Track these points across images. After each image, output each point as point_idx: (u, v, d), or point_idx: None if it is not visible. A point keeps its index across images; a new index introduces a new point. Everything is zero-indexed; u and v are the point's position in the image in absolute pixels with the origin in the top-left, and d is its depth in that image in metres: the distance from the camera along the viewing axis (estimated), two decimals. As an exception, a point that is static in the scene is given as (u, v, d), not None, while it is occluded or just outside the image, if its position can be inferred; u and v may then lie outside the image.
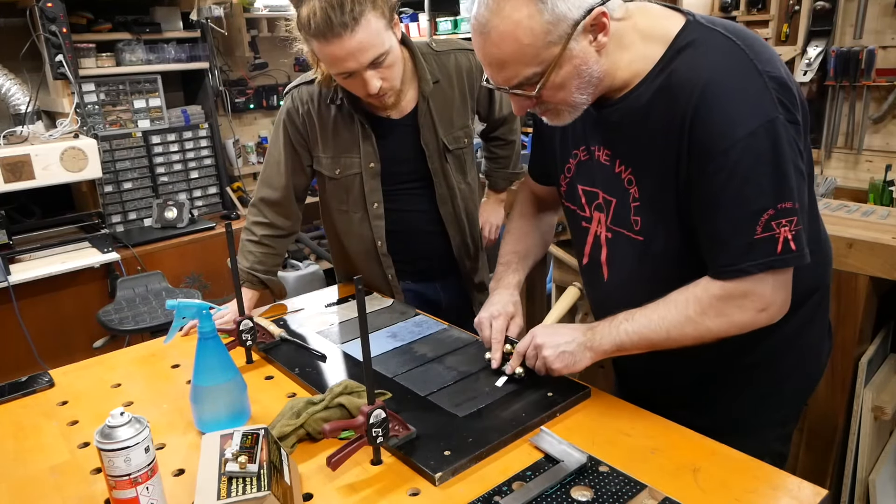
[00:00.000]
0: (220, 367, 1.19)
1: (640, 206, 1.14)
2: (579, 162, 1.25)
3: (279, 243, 1.77)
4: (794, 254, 1.01)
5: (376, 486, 1.03)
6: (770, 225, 1.00)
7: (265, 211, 1.74)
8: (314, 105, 1.65)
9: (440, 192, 1.72)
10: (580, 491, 0.97)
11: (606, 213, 1.21)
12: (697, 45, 1.03)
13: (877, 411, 1.82)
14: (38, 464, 1.13)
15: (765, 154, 0.98)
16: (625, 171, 1.15)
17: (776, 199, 0.99)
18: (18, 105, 3.23)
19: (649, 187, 1.12)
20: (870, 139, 3.81)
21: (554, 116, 1.12)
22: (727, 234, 1.03)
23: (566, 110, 1.10)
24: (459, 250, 1.80)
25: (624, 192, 1.15)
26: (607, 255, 1.24)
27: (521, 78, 1.04)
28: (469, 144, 1.75)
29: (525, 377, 1.25)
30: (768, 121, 0.97)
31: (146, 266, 3.30)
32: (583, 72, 1.03)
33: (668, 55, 1.05)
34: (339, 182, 1.71)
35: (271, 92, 4.37)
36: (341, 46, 1.38)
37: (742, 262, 1.02)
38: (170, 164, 3.76)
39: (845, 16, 3.77)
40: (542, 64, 1.01)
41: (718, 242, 1.05)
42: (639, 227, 1.15)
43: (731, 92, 0.99)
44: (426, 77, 1.63)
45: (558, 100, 1.08)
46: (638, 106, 1.08)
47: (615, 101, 1.11)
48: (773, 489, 0.96)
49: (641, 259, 1.17)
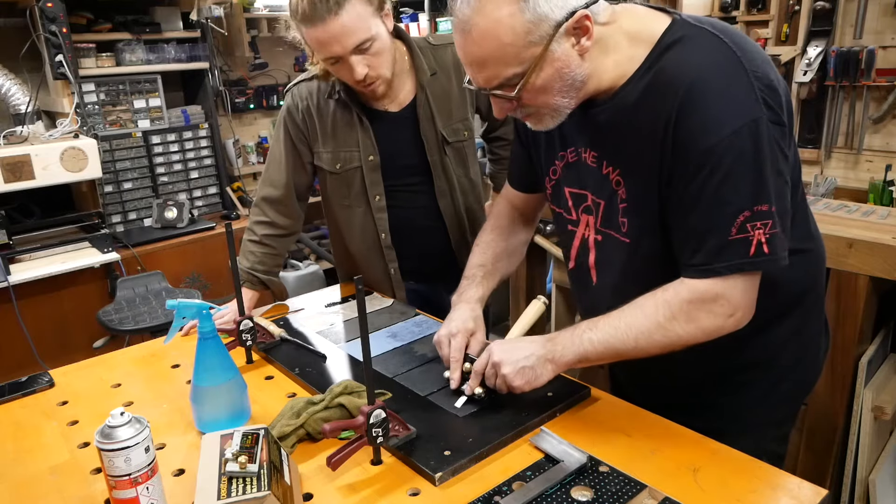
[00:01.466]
0: (220, 367, 1.19)
1: (627, 208, 1.12)
2: (567, 164, 1.23)
3: (280, 243, 1.77)
4: (766, 257, 1.00)
5: (376, 486, 1.03)
6: (745, 227, 0.98)
7: (266, 210, 1.74)
8: (313, 101, 1.68)
9: (439, 185, 1.73)
10: (580, 491, 0.97)
11: (595, 215, 1.19)
12: (685, 42, 1.02)
13: (877, 411, 1.82)
14: (38, 464, 1.13)
15: (746, 154, 0.97)
16: (612, 173, 1.13)
17: (753, 201, 0.98)
18: (18, 105, 3.23)
19: (635, 188, 1.10)
20: (870, 139, 3.81)
21: (536, 121, 1.11)
22: (702, 234, 1.02)
23: (548, 114, 1.09)
24: (458, 246, 1.80)
25: (612, 193, 1.14)
26: (596, 258, 1.22)
27: (501, 79, 1.02)
28: (469, 138, 1.75)
29: (485, 397, 1.19)
30: (752, 120, 0.96)
31: (146, 266, 3.30)
32: (565, 74, 1.02)
33: (654, 54, 1.04)
34: (341, 177, 1.72)
35: (271, 92, 4.37)
36: (325, 30, 1.43)
37: (714, 263, 1.01)
38: (170, 164, 3.76)
39: (845, 16, 3.77)
40: (522, 64, 1.00)
41: (692, 242, 1.04)
42: (626, 228, 1.14)
43: (717, 90, 0.98)
44: (423, 68, 1.65)
45: (540, 103, 1.06)
46: (625, 106, 1.07)
47: (602, 101, 1.10)
48: (773, 489, 0.96)
49: (629, 261, 1.15)
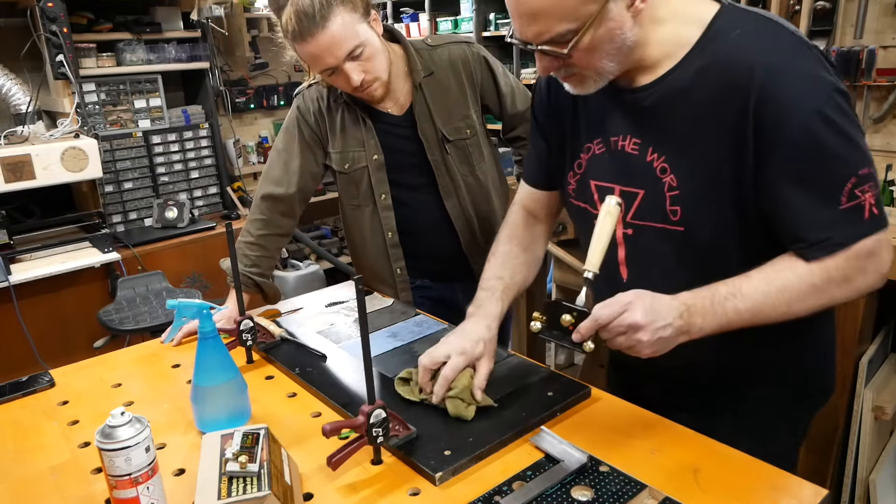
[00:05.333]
0: (220, 367, 1.19)
1: (679, 196, 1.07)
2: (593, 156, 1.18)
3: (275, 243, 1.76)
4: (878, 217, 0.99)
5: (376, 485, 1.03)
6: (854, 193, 0.97)
7: (266, 208, 1.74)
8: (323, 103, 1.72)
9: (443, 185, 1.73)
10: (580, 491, 0.97)
11: (626, 207, 1.14)
12: (744, 26, 1.01)
13: (877, 411, 1.83)
14: (39, 464, 1.14)
15: (837, 122, 0.96)
16: (658, 160, 1.09)
17: (857, 166, 0.97)
18: (19, 105, 3.23)
19: (690, 175, 1.06)
20: (870, 139, 3.81)
21: (578, 82, 1.07)
22: (813, 210, 0.99)
23: (592, 77, 1.05)
24: (469, 246, 1.80)
25: (656, 181, 1.09)
26: (626, 253, 1.18)
27: (552, 34, 0.98)
28: (473, 136, 1.75)
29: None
30: (834, 90, 0.96)
31: (146, 266, 3.30)
32: (616, 36, 0.99)
33: (708, 36, 1.02)
34: (349, 177, 1.75)
35: (272, 92, 4.38)
36: (316, 44, 1.47)
37: (835, 235, 0.99)
38: (170, 164, 3.76)
39: (846, 16, 3.76)
40: (577, 21, 0.96)
41: (802, 221, 1.00)
42: (678, 217, 1.08)
43: (794, 68, 0.97)
44: (417, 69, 1.67)
45: (587, 63, 1.02)
46: (676, 89, 1.04)
47: (648, 84, 1.07)
48: (773, 489, 0.96)
49: (678, 252, 1.11)
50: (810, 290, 1.01)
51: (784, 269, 1.02)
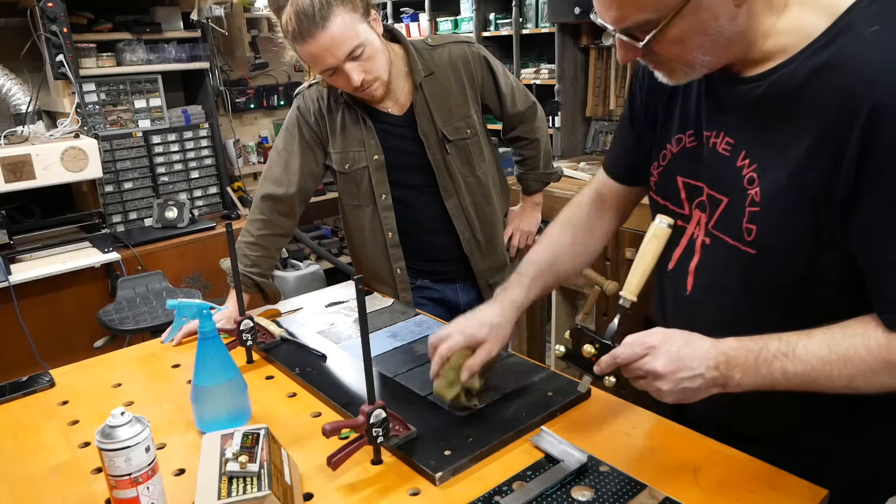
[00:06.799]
0: (220, 367, 1.19)
1: (760, 212, 0.92)
2: (683, 149, 1.04)
3: (275, 243, 1.77)
4: None
5: (376, 485, 1.03)
6: None
7: (267, 208, 1.74)
8: (324, 103, 1.72)
9: (443, 185, 1.74)
10: (580, 491, 0.97)
11: (710, 213, 1.00)
12: (885, 23, 0.81)
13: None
14: (39, 464, 1.14)
15: None
16: (748, 167, 0.93)
17: None
18: (19, 105, 3.23)
19: (780, 189, 0.89)
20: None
21: (667, 71, 0.94)
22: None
23: (681, 68, 0.92)
24: (469, 246, 1.80)
25: (741, 191, 0.94)
26: (698, 263, 1.03)
27: (630, 21, 0.86)
28: (473, 136, 1.75)
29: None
30: None
31: (147, 266, 3.30)
32: (710, 28, 0.85)
33: (836, 28, 0.84)
34: (350, 177, 1.75)
35: (272, 92, 4.37)
36: (316, 45, 1.47)
37: None
38: (170, 164, 3.76)
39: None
40: (658, 11, 0.84)
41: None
42: (752, 236, 0.93)
43: None
44: (417, 68, 1.67)
45: (673, 55, 0.90)
46: (785, 88, 0.88)
47: (753, 77, 0.92)
48: (773, 489, 0.96)
49: (746, 276, 0.96)
50: (882, 368, 0.83)
51: (854, 335, 0.85)
